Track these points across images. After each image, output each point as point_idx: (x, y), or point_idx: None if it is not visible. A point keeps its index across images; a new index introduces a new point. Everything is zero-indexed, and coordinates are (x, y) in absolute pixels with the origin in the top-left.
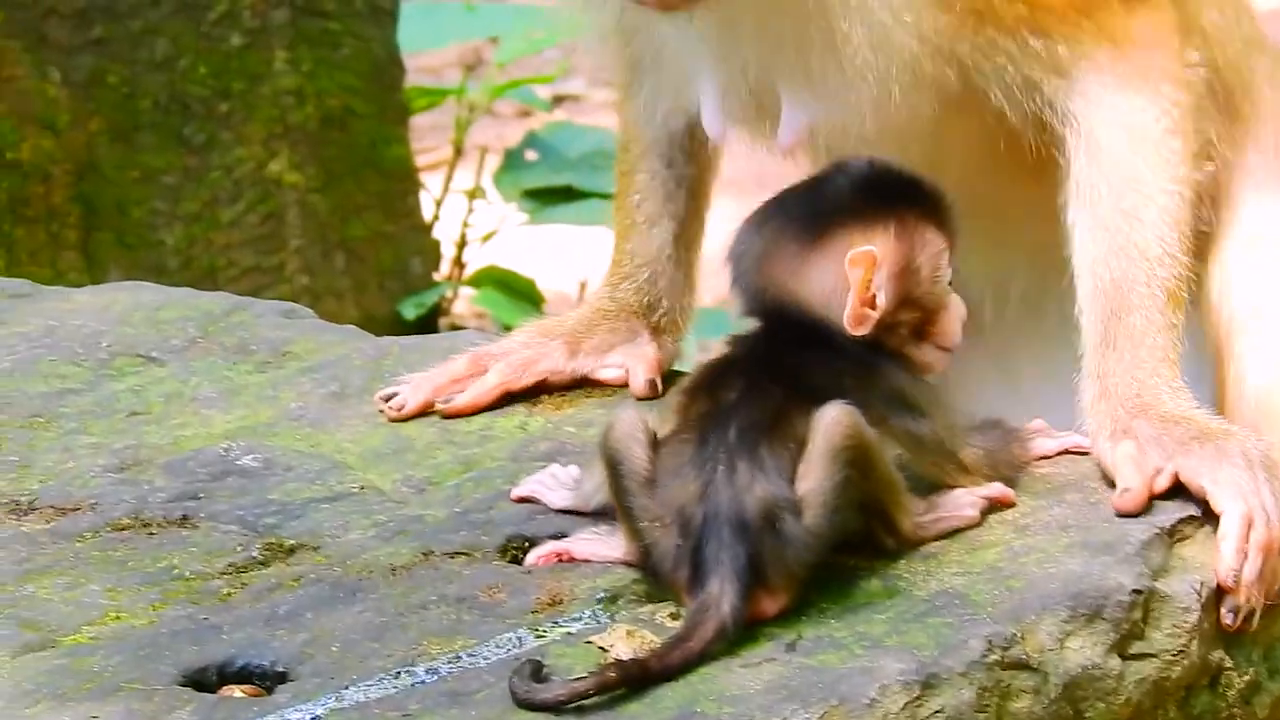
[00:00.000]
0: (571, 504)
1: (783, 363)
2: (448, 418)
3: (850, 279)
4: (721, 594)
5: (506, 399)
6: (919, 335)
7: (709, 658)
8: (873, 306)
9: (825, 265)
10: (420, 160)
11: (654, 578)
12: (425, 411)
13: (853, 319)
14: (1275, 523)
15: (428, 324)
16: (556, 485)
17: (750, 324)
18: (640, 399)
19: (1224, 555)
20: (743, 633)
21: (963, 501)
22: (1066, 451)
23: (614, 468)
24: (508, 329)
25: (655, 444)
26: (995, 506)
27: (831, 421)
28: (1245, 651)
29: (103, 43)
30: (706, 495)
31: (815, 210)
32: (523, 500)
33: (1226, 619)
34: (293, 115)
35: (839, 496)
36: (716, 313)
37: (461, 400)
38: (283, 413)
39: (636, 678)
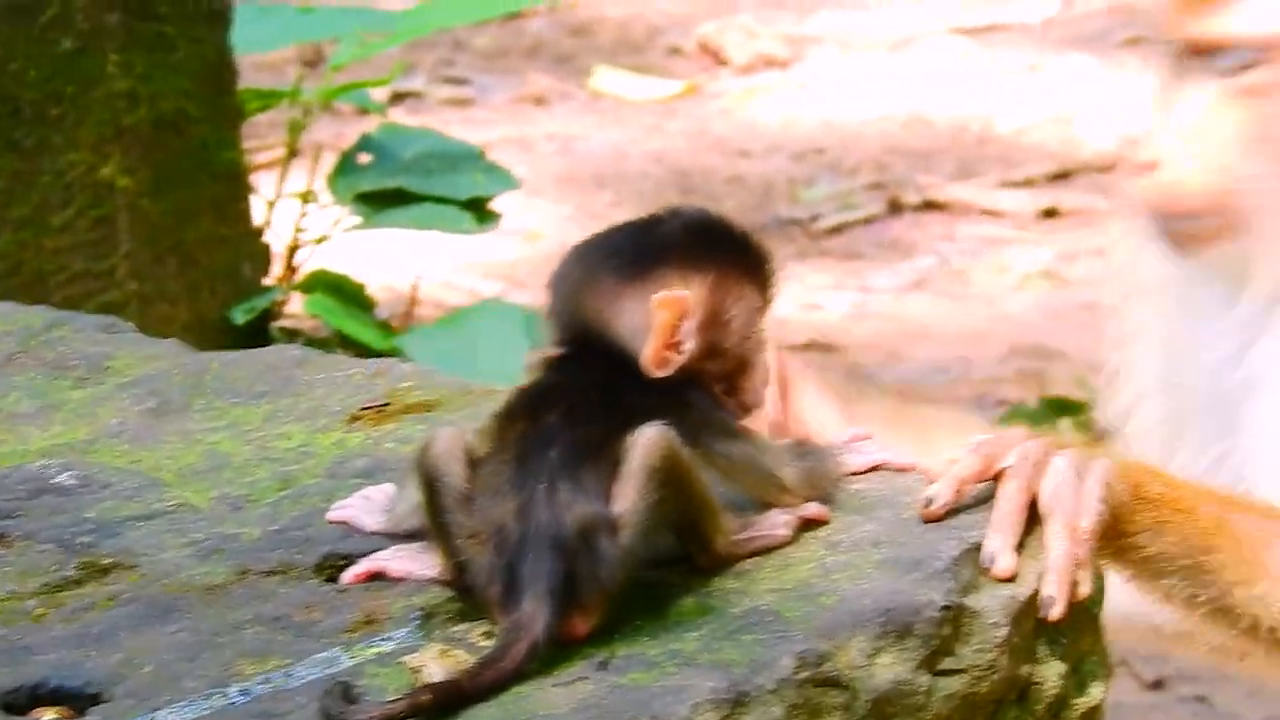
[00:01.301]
0: (384, 528)
1: (603, 387)
2: None
3: (654, 320)
4: (535, 613)
5: None
6: (725, 387)
7: (522, 677)
8: (678, 352)
9: (638, 303)
10: (261, 158)
11: (467, 595)
12: None
13: (652, 360)
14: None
15: (259, 328)
16: (371, 508)
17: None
18: None
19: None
20: (556, 651)
21: (777, 521)
22: (877, 468)
23: (430, 484)
24: (339, 333)
25: (474, 463)
26: (810, 524)
27: (647, 442)
28: (1053, 666)
29: None
30: (525, 513)
31: (640, 247)
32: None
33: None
34: (125, 119)
35: (653, 516)
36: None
37: None
38: (101, 429)
39: (451, 699)
